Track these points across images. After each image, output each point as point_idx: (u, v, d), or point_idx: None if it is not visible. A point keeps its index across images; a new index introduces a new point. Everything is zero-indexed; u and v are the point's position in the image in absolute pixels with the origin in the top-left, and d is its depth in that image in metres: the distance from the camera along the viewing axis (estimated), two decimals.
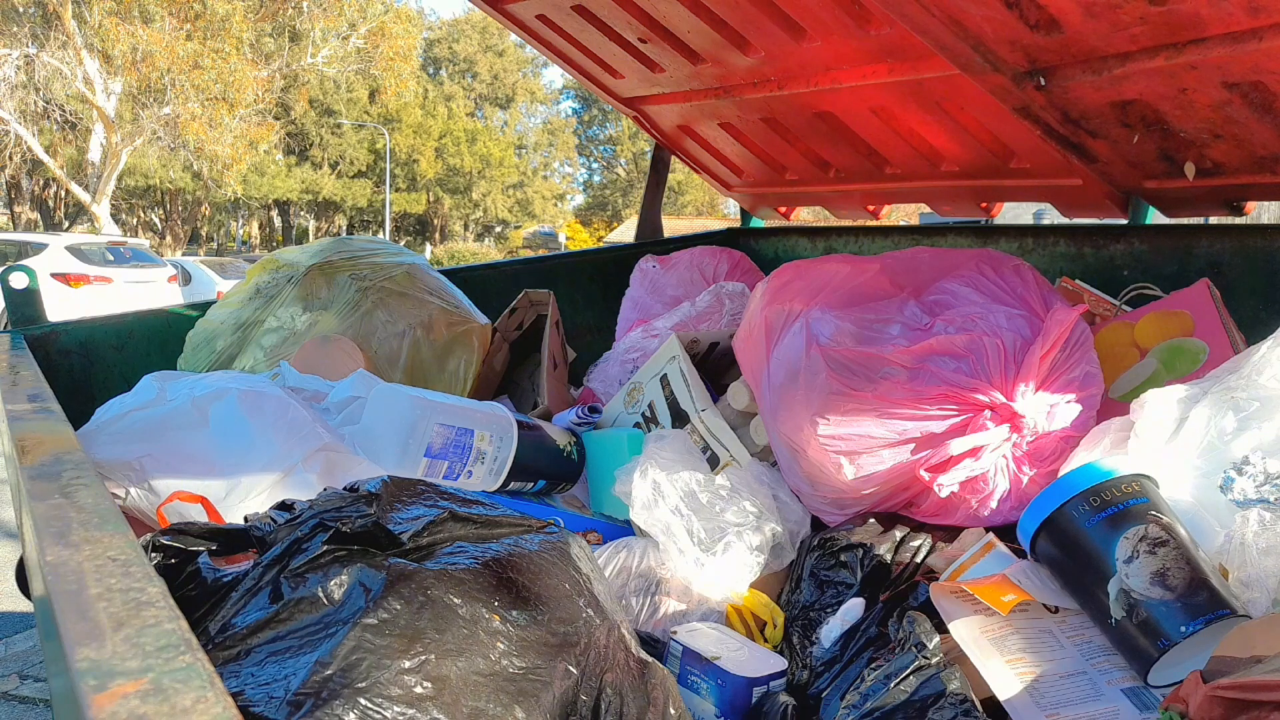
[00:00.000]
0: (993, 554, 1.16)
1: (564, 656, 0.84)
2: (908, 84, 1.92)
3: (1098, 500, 1.03)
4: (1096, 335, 1.53)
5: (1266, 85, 1.43)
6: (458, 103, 37.56)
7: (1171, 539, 0.98)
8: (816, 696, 1.16)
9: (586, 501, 1.74)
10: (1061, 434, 1.34)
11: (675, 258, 2.48)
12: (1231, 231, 1.84)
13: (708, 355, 1.91)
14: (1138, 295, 1.77)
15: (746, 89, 2.27)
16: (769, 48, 2.06)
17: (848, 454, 1.36)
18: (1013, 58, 1.64)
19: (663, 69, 2.36)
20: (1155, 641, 0.95)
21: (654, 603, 1.32)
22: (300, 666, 0.73)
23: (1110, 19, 1.43)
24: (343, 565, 0.81)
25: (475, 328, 2.05)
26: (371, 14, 22.83)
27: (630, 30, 2.24)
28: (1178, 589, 0.95)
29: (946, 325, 1.41)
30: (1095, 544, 1.01)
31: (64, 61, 19.01)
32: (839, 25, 1.86)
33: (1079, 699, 0.97)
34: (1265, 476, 1.03)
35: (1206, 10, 1.33)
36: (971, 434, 1.31)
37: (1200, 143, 1.65)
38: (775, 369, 1.49)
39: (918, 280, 1.51)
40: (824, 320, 1.45)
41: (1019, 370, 1.32)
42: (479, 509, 0.94)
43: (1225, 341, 1.47)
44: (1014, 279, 1.47)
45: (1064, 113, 1.73)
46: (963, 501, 1.34)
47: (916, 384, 1.33)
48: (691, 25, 2.11)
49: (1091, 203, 1.99)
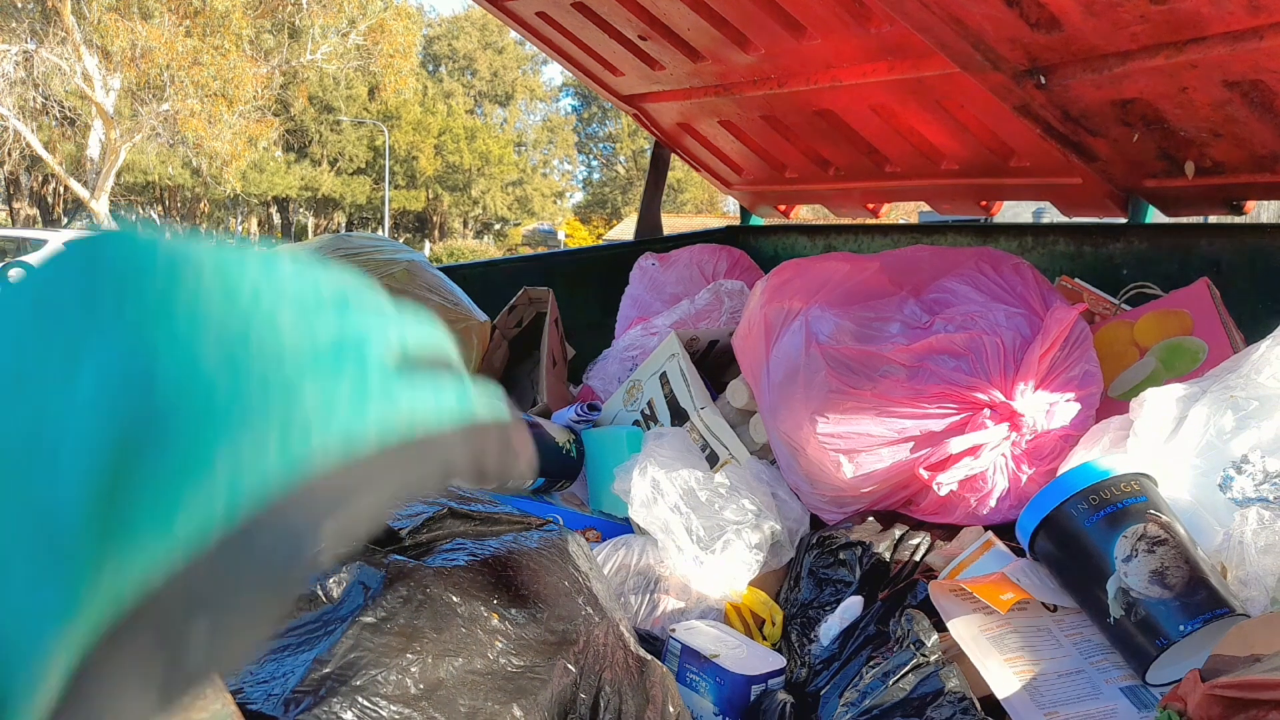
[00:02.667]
0: (991, 552, 1.16)
1: (562, 654, 0.84)
2: (908, 82, 1.92)
3: (1096, 499, 1.03)
4: (1096, 334, 1.53)
5: (1267, 84, 1.43)
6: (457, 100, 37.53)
7: (1170, 538, 0.98)
8: (815, 694, 1.16)
9: (585, 499, 1.74)
10: (1061, 433, 1.34)
11: (675, 255, 2.47)
12: (1231, 231, 1.84)
13: (707, 353, 1.91)
14: (1137, 294, 1.77)
15: (746, 87, 2.27)
16: (769, 45, 2.06)
17: (847, 452, 1.36)
18: (1013, 56, 1.64)
19: (663, 66, 2.36)
20: (1153, 640, 0.95)
21: (653, 601, 1.32)
22: (298, 664, 0.73)
23: (1111, 17, 1.43)
24: (342, 563, 0.81)
25: (474, 325, 2.05)
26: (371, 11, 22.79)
27: (630, 27, 2.24)
28: (1176, 588, 0.95)
29: (946, 324, 1.41)
30: (1094, 543, 1.01)
31: (63, 57, 18.98)
32: (839, 23, 1.86)
33: (1077, 697, 0.97)
34: (1264, 475, 1.03)
35: (1207, 9, 1.32)
36: (971, 432, 1.31)
37: (1200, 142, 1.65)
38: (774, 367, 1.49)
39: (917, 278, 1.51)
40: (823, 318, 1.45)
41: (1018, 369, 1.32)
42: (478, 505, 0.94)
43: (1224, 340, 1.47)
44: (1013, 277, 1.47)
45: (1064, 111, 1.73)
46: (962, 500, 1.34)
47: (916, 382, 1.33)
48: (692, 23, 2.11)
49: (1091, 201, 1.99)
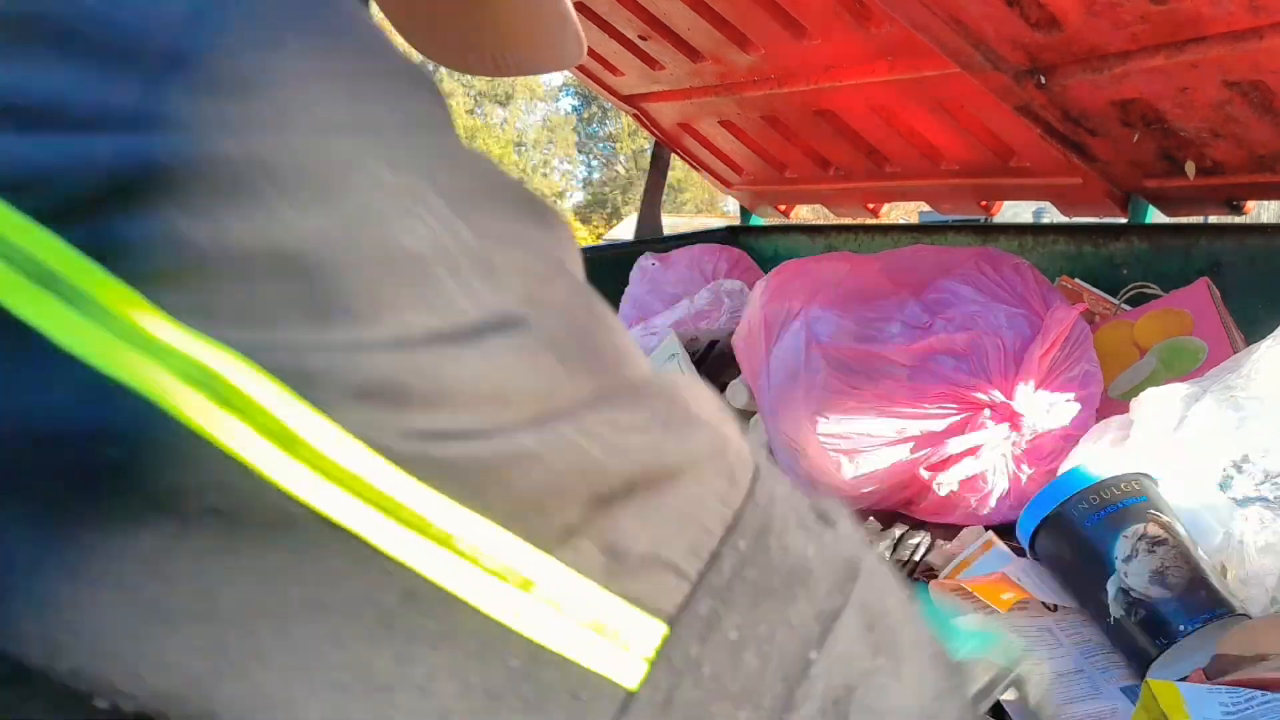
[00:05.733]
0: (992, 552, 1.17)
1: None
2: (908, 82, 1.92)
3: (1096, 499, 1.03)
4: (1096, 334, 1.53)
5: (1267, 84, 1.43)
6: (457, 100, 37.56)
7: (1171, 537, 0.98)
8: None
9: None
10: (1061, 432, 1.34)
11: (674, 255, 2.47)
12: (1231, 231, 1.84)
13: (707, 353, 1.91)
14: (1137, 294, 1.77)
15: (747, 87, 2.27)
16: (769, 45, 2.06)
17: (847, 452, 1.36)
18: (1013, 56, 1.64)
19: (663, 66, 2.36)
20: (1154, 640, 0.95)
21: None
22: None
23: (1111, 17, 1.43)
24: None
25: None
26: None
27: (631, 27, 2.24)
28: (1177, 587, 0.95)
29: (946, 324, 1.41)
30: (1094, 543, 1.01)
31: None
32: (839, 23, 1.86)
33: (1077, 697, 0.97)
34: (1265, 475, 1.03)
35: (1207, 9, 1.32)
36: (971, 432, 1.31)
37: (1200, 142, 1.65)
38: (775, 367, 1.49)
39: (917, 278, 1.51)
40: (823, 318, 1.45)
41: (1018, 369, 1.32)
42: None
43: (1225, 340, 1.47)
44: (1014, 277, 1.47)
45: (1064, 111, 1.73)
46: (962, 500, 1.34)
47: (916, 382, 1.33)
48: (692, 23, 2.11)
49: (1091, 201, 1.99)
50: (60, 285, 0.23)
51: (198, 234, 0.23)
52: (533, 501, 0.26)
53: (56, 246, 0.23)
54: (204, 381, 0.23)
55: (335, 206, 0.25)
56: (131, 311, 0.23)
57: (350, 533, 0.24)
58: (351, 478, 0.24)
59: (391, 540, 0.24)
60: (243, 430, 0.23)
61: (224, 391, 0.23)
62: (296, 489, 0.24)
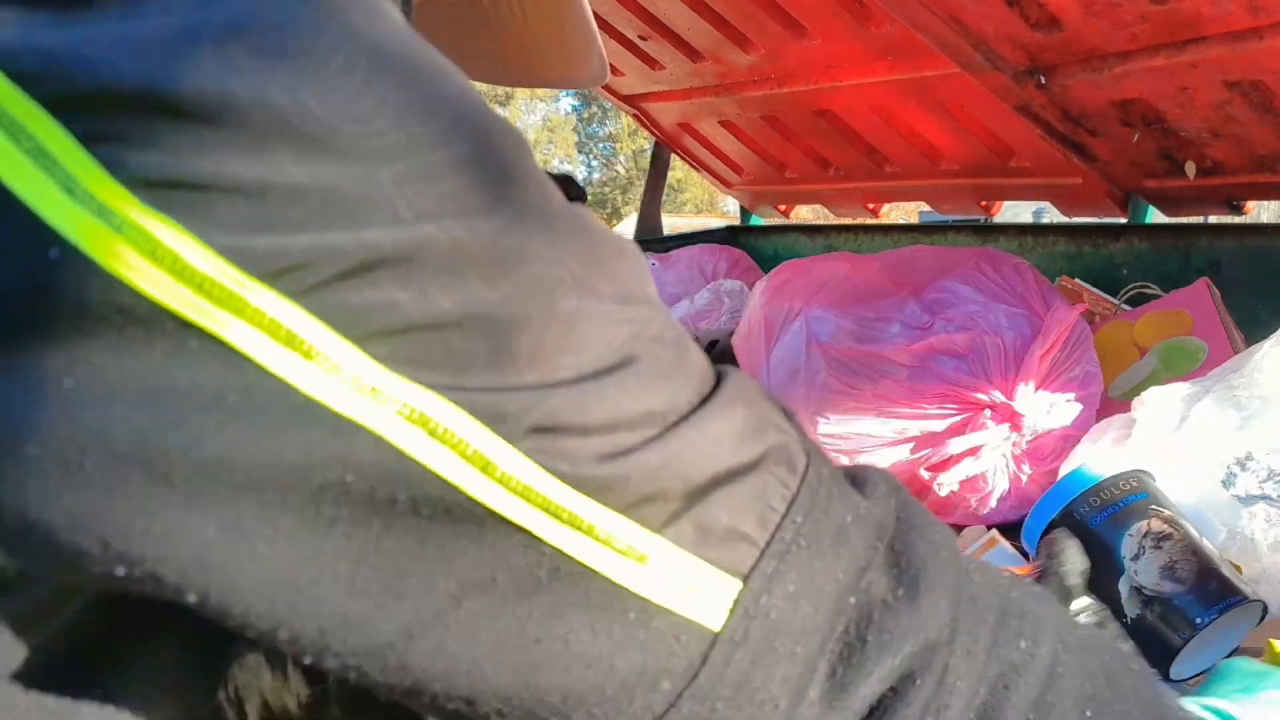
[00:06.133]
0: (995, 550, 1.16)
1: None
2: (908, 82, 1.92)
3: (1098, 500, 1.03)
4: (1096, 334, 1.53)
5: (1267, 84, 1.43)
6: None
7: (1175, 531, 0.98)
8: None
9: None
10: (1061, 433, 1.34)
11: (674, 255, 2.47)
12: (1231, 231, 1.84)
13: (707, 353, 1.91)
14: (1137, 294, 1.77)
15: (747, 87, 2.27)
16: (769, 45, 2.06)
17: (848, 453, 1.36)
18: (1013, 56, 1.64)
19: (663, 66, 2.36)
20: (1174, 635, 0.95)
21: None
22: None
23: (1111, 17, 1.43)
24: None
25: None
26: None
27: (631, 27, 2.24)
28: (1188, 580, 0.95)
29: (946, 324, 1.41)
30: (1102, 543, 1.01)
31: None
32: (839, 23, 1.86)
33: None
34: (1269, 473, 1.03)
35: (1207, 9, 1.32)
36: (971, 433, 1.31)
37: (1200, 142, 1.65)
38: (775, 367, 1.49)
39: (917, 278, 1.51)
40: (823, 319, 1.45)
41: (1019, 369, 1.32)
42: None
43: (1225, 340, 1.47)
44: (1014, 277, 1.47)
45: (1064, 111, 1.73)
46: (962, 500, 1.34)
47: (916, 383, 1.33)
48: (692, 23, 2.11)
49: (1091, 201, 1.99)
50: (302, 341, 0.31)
51: (411, 304, 0.31)
52: (649, 497, 0.34)
53: (294, 309, 0.30)
54: (419, 421, 0.31)
55: (512, 279, 0.32)
56: (361, 362, 0.30)
57: (520, 528, 0.32)
58: (525, 489, 0.32)
59: (551, 532, 0.33)
60: (448, 457, 0.31)
61: (432, 427, 0.31)
62: (487, 499, 0.32)
